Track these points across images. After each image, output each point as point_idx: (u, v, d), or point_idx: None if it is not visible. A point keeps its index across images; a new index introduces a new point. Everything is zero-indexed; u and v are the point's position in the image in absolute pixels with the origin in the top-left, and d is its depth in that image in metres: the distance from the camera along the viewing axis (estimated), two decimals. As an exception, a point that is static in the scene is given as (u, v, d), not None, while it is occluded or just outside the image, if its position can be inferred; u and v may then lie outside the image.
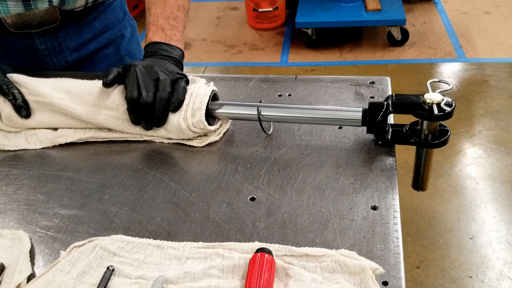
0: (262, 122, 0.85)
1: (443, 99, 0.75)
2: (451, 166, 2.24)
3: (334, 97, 0.97)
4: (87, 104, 0.88)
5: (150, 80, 0.84)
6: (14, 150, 0.91)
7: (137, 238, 0.70)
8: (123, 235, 0.70)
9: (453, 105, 0.75)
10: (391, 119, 0.86)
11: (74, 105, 0.88)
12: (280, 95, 0.99)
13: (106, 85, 0.86)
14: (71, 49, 1.11)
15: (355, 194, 0.75)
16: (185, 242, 0.69)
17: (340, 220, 0.70)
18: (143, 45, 0.98)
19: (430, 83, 0.81)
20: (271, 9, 3.42)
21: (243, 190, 0.77)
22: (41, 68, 1.10)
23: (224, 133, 0.90)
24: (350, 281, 0.61)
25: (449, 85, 0.80)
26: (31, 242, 0.72)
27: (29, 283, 0.65)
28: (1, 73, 0.92)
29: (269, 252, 0.63)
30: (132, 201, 0.77)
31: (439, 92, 0.77)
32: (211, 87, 0.89)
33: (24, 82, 0.92)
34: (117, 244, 0.69)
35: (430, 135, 0.78)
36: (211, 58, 3.28)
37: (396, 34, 3.14)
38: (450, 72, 2.92)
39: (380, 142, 0.84)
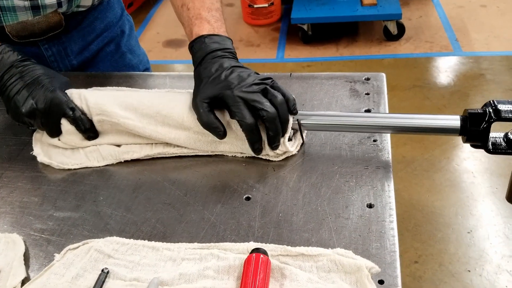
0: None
1: None
2: (449, 161, 2.24)
3: (329, 94, 0.96)
4: (156, 124, 0.82)
5: (255, 95, 0.76)
6: (75, 169, 0.85)
7: (132, 239, 0.70)
8: (118, 237, 0.70)
9: None
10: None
11: (142, 124, 0.82)
12: (275, 93, 0.98)
13: (222, 137, 0.78)
14: (76, 53, 1.12)
15: (350, 192, 0.74)
16: (180, 243, 0.69)
17: (335, 219, 0.70)
18: (187, 41, 0.90)
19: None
20: (266, 5, 3.41)
21: (238, 189, 0.77)
22: None
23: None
24: (346, 281, 0.61)
25: None
26: (25, 245, 0.71)
27: (23, 286, 0.65)
28: (61, 92, 0.85)
29: (264, 253, 0.63)
30: (126, 203, 0.77)
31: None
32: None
33: (87, 99, 0.85)
34: (111, 246, 0.69)
35: None
36: (207, 55, 3.26)
37: (392, 28, 3.13)
38: (446, 66, 2.92)
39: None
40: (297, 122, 0.80)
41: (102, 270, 0.64)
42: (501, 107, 0.73)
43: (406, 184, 2.15)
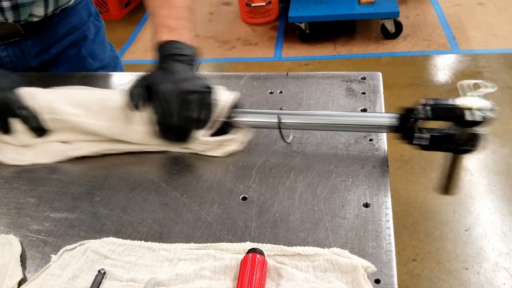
0: (282, 130, 0.82)
1: (481, 104, 0.71)
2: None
3: (326, 93, 0.96)
4: (105, 120, 0.84)
5: (179, 101, 0.79)
6: (25, 165, 0.86)
7: (128, 240, 0.70)
8: (114, 238, 0.70)
9: (490, 113, 0.71)
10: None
11: (90, 121, 0.84)
12: (271, 93, 0.98)
13: (135, 109, 0.82)
14: (33, 55, 1.11)
15: (347, 191, 0.74)
16: (176, 243, 0.69)
17: (332, 218, 0.70)
18: (203, 54, 0.93)
19: (468, 84, 0.76)
20: (264, 3, 3.41)
21: (235, 189, 0.77)
22: None
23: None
24: (342, 280, 0.61)
25: (492, 86, 0.75)
26: (21, 246, 0.71)
27: (20, 287, 0.65)
28: (11, 92, 0.86)
29: (261, 253, 0.63)
30: (123, 203, 0.77)
31: (479, 95, 0.73)
32: (230, 98, 0.85)
33: (38, 98, 0.86)
34: (108, 247, 0.69)
35: (462, 141, 0.74)
36: (205, 54, 3.23)
37: (390, 26, 3.13)
38: (444, 64, 2.92)
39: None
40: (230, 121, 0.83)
41: (99, 271, 0.64)
42: (434, 105, 0.74)
43: (404, 182, 2.16)
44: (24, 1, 0.99)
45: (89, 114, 0.85)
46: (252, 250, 0.63)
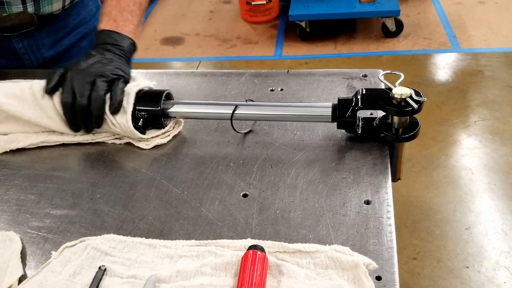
0: (233, 120, 0.84)
1: (411, 93, 0.75)
2: (447, 157, 2.24)
3: (327, 91, 0.96)
4: (35, 109, 0.87)
5: (85, 83, 0.83)
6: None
7: (129, 237, 0.70)
8: (115, 235, 0.70)
9: (422, 99, 0.75)
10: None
11: (22, 110, 0.87)
12: (272, 90, 0.98)
13: (49, 92, 0.85)
14: (47, 46, 1.13)
15: (348, 188, 0.74)
16: (177, 240, 0.68)
17: (333, 215, 0.70)
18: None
19: (383, 75, 0.82)
20: (264, 2, 3.40)
21: (236, 186, 0.77)
22: (18, 65, 1.12)
23: (174, 134, 0.89)
24: (343, 277, 0.61)
25: (401, 74, 0.79)
26: (22, 243, 0.71)
27: (20, 284, 0.65)
28: None
29: (262, 249, 0.63)
30: (123, 200, 0.77)
31: (398, 85, 0.77)
32: (141, 85, 0.87)
33: None
34: (109, 243, 0.68)
35: (400, 129, 0.77)
36: (205, 52, 3.26)
37: (390, 25, 3.12)
38: (444, 63, 2.92)
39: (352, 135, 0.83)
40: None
41: (99, 268, 0.64)
42: (368, 95, 0.77)
43: (405, 180, 2.15)
44: None
45: (23, 103, 0.87)
46: (253, 247, 0.63)
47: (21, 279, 0.66)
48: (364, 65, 2.94)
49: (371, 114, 0.85)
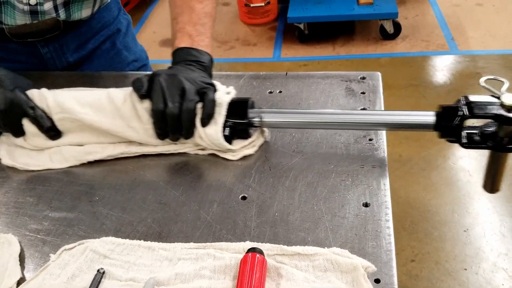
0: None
1: None
2: (445, 159, 2.24)
3: (325, 93, 0.96)
4: (114, 117, 0.83)
5: (175, 90, 0.79)
6: (37, 170, 0.85)
7: (127, 240, 0.70)
8: (114, 237, 0.70)
9: None
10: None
11: (100, 119, 0.83)
12: (271, 92, 0.98)
13: (143, 96, 0.81)
14: (72, 50, 1.13)
15: (346, 191, 0.74)
16: (176, 243, 0.68)
17: (331, 218, 0.70)
18: (170, 53, 0.93)
19: (485, 81, 0.76)
20: (263, 4, 3.41)
21: (234, 189, 0.77)
22: (42, 70, 1.11)
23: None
24: (342, 280, 0.61)
25: (504, 81, 0.75)
26: (20, 245, 0.71)
27: (19, 287, 0.65)
28: (21, 92, 0.84)
29: (260, 252, 0.63)
30: (122, 203, 0.77)
31: (505, 91, 0.73)
32: (232, 94, 0.83)
33: (46, 98, 0.85)
34: (107, 246, 0.68)
35: (506, 138, 0.73)
36: (204, 54, 3.26)
37: (389, 27, 3.13)
38: (442, 65, 2.92)
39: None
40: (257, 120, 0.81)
41: (98, 271, 0.64)
42: (474, 103, 0.73)
43: (403, 182, 2.16)
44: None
45: (97, 112, 0.83)
46: (252, 250, 0.63)
47: (19, 282, 0.66)
48: (363, 67, 2.95)
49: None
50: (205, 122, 0.80)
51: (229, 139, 0.82)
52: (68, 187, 0.81)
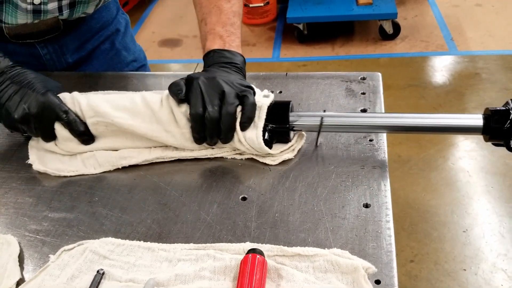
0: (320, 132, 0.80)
1: None
2: (444, 160, 2.24)
3: (325, 93, 0.96)
4: (150, 122, 0.80)
5: (214, 93, 0.77)
6: (70, 176, 0.83)
7: (127, 240, 0.69)
8: (113, 238, 0.70)
9: None
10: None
11: (136, 123, 0.80)
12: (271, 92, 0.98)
13: (182, 101, 0.78)
14: (71, 51, 1.13)
15: (347, 192, 0.74)
16: (176, 243, 0.68)
17: (332, 219, 0.70)
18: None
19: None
20: (262, 4, 3.41)
21: (234, 189, 0.77)
22: (41, 70, 1.09)
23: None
24: (342, 281, 0.61)
25: None
26: (19, 246, 0.71)
27: (18, 288, 0.65)
28: (53, 95, 0.82)
29: (261, 253, 0.63)
30: (122, 203, 0.77)
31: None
32: (271, 97, 0.82)
33: (79, 102, 0.82)
34: (107, 247, 0.68)
35: None
36: (202, 54, 3.25)
37: (388, 28, 3.13)
38: (442, 65, 2.93)
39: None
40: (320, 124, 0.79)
41: (98, 271, 0.64)
42: None
43: (402, 183, 2.16)
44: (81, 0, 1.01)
45: (136, 116, 0.81)
46: (252, 251, 0.63)
47: (19, 283, 0.65)
48: (362, 67, 2.95)
49: None
50: (245, 126, 0.78)
51: (268, 143, 0.80)
52: (67, 188, 0.80)
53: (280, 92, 0.98)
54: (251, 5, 3.41)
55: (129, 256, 0.67)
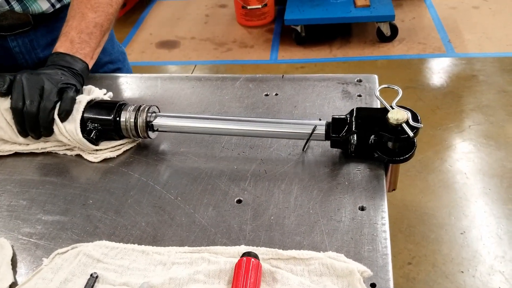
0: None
1: (408, 117, 0.72)
2: (442, 162, 2.24)
3: (322, 96, 0.96)
4: None
5: (35, 88, 0.82)
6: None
7: (121, 243, 0.69)
8: (107, 241, 0.69)
9: (419, 125, 0.72)
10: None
11: None
12: (267, 95, 0.97)
13: (3, 94, 0.84)
14: (42, 46, 1.13)
15: (342, 194, 0.74)
16: (170, 247, 0.68)
17: (327, 222, 0.70)
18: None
19: (380, 90, 0.79)
20: (260, 6, 3.41)
21: (230, 192, 0.76)
22: (12, 65, 1.11)
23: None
24: (337, 284, 0.60)
25: (399, 90, 0.78)
26: (13, 249, 0.70)
27: (11, 292, 0.64)
28: None
29: (255, 256, 0.62)
30: (116, 206, 0.76)
31: (396, 104, 0.75)
32: (95, 95, 0.87)
33: None
34: (101, 250, 0.68)
35: (396, 149, 0.76)
36: (200, 56, 3.25)
37: (385, 30, 3.13)
38: (439, 67, 2.93)
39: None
40: None
41: (91, 275, 0.64)
42: (363, 119, 0.75)
43: (399, 185, 2.14)
44: None
45: None
46: (247, 254, 0.63)
47: (11, 286, 0.65)
48: (359, 69, 2.95)
49: None
50: (62, 118, 0.82)
51: (95, 140, 0.84)
52: (61, 190, 0.80)
53: (276, 94, 0.97)
54: (249, 7, 3.41)
55: (123, 259, 0.67)
